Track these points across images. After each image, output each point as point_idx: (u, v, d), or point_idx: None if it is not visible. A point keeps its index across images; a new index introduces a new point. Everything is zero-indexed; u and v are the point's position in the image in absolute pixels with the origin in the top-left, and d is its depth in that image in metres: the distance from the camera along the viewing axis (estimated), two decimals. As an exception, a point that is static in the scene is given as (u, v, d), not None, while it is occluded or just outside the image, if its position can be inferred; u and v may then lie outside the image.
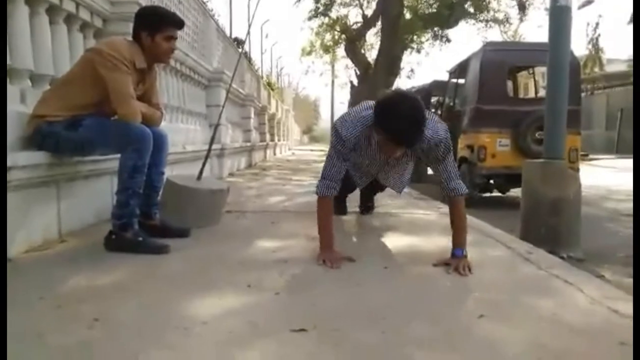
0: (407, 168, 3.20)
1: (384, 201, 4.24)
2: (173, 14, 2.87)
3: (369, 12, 17.66)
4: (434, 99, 9.40)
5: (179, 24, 2.79)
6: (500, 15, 16.59)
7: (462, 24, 16.69)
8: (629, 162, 14.20)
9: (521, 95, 8.56)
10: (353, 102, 16.33)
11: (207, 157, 3.71)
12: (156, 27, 2.65)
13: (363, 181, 3.27)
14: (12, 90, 2.61)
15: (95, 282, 2.07)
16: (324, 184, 2.53)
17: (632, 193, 7.40)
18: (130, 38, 2.69)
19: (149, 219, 2.87)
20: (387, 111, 2.19)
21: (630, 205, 6.32)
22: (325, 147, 26.49)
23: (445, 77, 8.52)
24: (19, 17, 2.72)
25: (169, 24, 2.71)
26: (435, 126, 2.43)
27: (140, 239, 2.58)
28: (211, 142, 3.89)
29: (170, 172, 3.43)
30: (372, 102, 2.46)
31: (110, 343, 1.49)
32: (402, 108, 2.16)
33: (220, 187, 3.56)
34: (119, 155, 2.60)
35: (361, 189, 3.58)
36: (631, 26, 25.87)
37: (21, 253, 2.43)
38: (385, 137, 2.24)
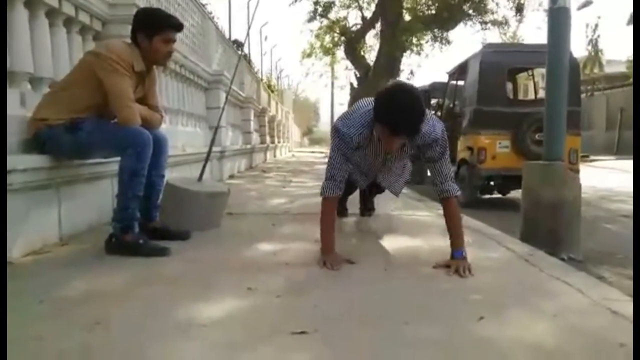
0: (405, 169, 3.20)
1: (384, 203, 4.24)
2: (171, 16, 2.86)
3: (368, 14, 17.68)
4: (433, 101, 9.40)
5: (177, 26, 2.78)
6: (499, 17, 16.60)
7: (461, 26, 16.70)
8: (629, 163, 14.20)
9: (521, 97, 8.56)
10: (353, 104, 16.35)
11: (207, 159, 3.71)
12: (154, 29, 2.65)
13: (364, 181, 3.27)
14: (12, 94, 2.61)
15: (96, 286, 2.07)
16: (328, 184, 2.53)
17: (632, 194, 7.41)
18: (128, 40, 2.69)
19: (149, 221, 2.87)
20: (386, 102, 2.23)
21: (630, 206, 6.33)
22: (326, 149, 26.49)
23: (444, 78, 8.53)
24: (19, 20, 2.72)
25: (166, 26, 2.71)
26: (433, 124, 2.46)
27: (141, 241, 2.58)
28: (211, 145, 3.89)
29: (170, 175, 3.43)
30: (370, 99, 2.48)
31: (110, 346, 1.49)
32: (401, 98, 2.21)
33: (220, 190, 3.56)
34: (119, 158, 2.60)
35: (361, 190, 3.57)
36: (630, 27, 25.91)
37: (21, 256, 2.43)
38: (385, 127, 2.26)
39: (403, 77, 17.63)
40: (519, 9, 16.13)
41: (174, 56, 3.78)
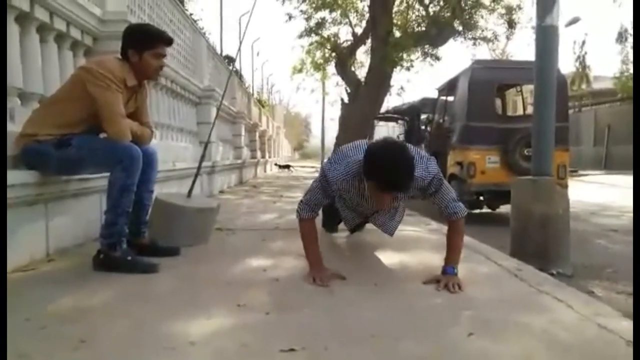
0: (398, 209, 3.16)
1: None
2: (161, 31, 2.88)
3: (359, 30, 17.81)
4: (423, 116, 9.47)
5: (168, 41, 2.80)
6: (489, 34, 16.77)
7: (451, 42, 16.85)
8: (617, 178, 14.36)
9: (510, 113, 8.63)
10: (343, 119, 16.42)
11: (197, 174, 3.70)
12: (145, 44, 2.66)
13: (354, 222, 3.26)
14: (1, 109, 2.60)
15: (83, 303, 2.05)
16: (303, 207, 2.57)
17: (620, 209, 7.47)
18: (119, 56, 2.70)
19: (137, 237, 2.84)
20: (377, 163, 2.19)
21: (619, 221, 6.39)
22: (316, 164, 26.56)
23: (434, 94, 8.60)
24: (9, 35, 2.72)
25: (157, 41, 2.72)
26: (425, 164, 2.42)
27: (129, 258, 2.56)
28: (201, 160, 3.88)
29: (160, 190, 3.42)
30: (361, 144, 2.49)
31: (96, 365, 1.47)
32: (391, 159, 2.17)
33: (209, 205, 3.55)
34: (108, 174, 2.58)
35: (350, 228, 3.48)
36: (619, 45, 26.36)
37: (8, 273, 2.39)
38: (377, 188, 2.25)
39: (393, 93, 17.72)
40: (511, 25, 16.30)
41: (165, 71, 3.79)
